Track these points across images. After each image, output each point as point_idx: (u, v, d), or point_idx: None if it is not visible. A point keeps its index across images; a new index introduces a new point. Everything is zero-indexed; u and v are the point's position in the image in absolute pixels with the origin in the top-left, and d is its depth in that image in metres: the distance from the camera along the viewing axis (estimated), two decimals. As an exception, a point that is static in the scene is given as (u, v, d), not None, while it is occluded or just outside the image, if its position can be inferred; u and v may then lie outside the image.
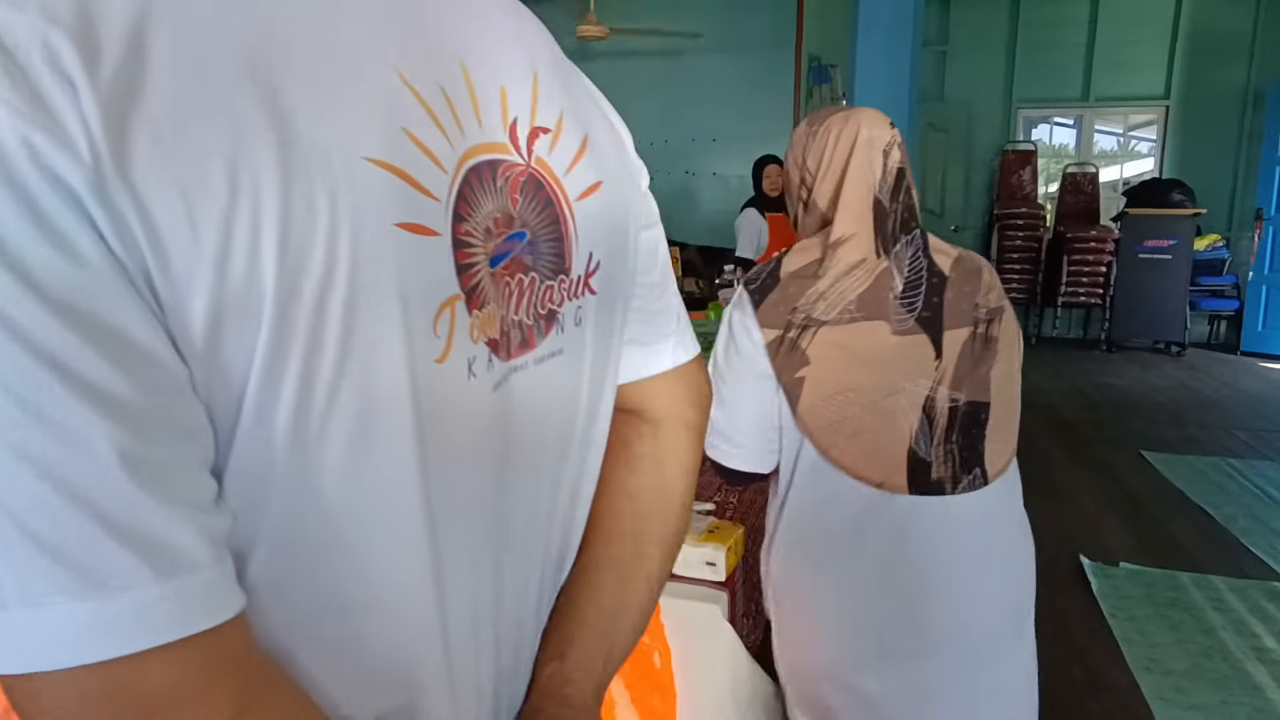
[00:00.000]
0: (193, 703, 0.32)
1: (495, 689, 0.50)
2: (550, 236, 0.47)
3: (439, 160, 0.39)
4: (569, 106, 0.50)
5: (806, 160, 1.17)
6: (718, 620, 1.16)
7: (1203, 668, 2.28)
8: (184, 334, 0.32)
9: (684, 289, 4.17)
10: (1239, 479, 3.86)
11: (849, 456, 1.03)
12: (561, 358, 0.49)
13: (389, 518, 0.40)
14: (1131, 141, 7.93)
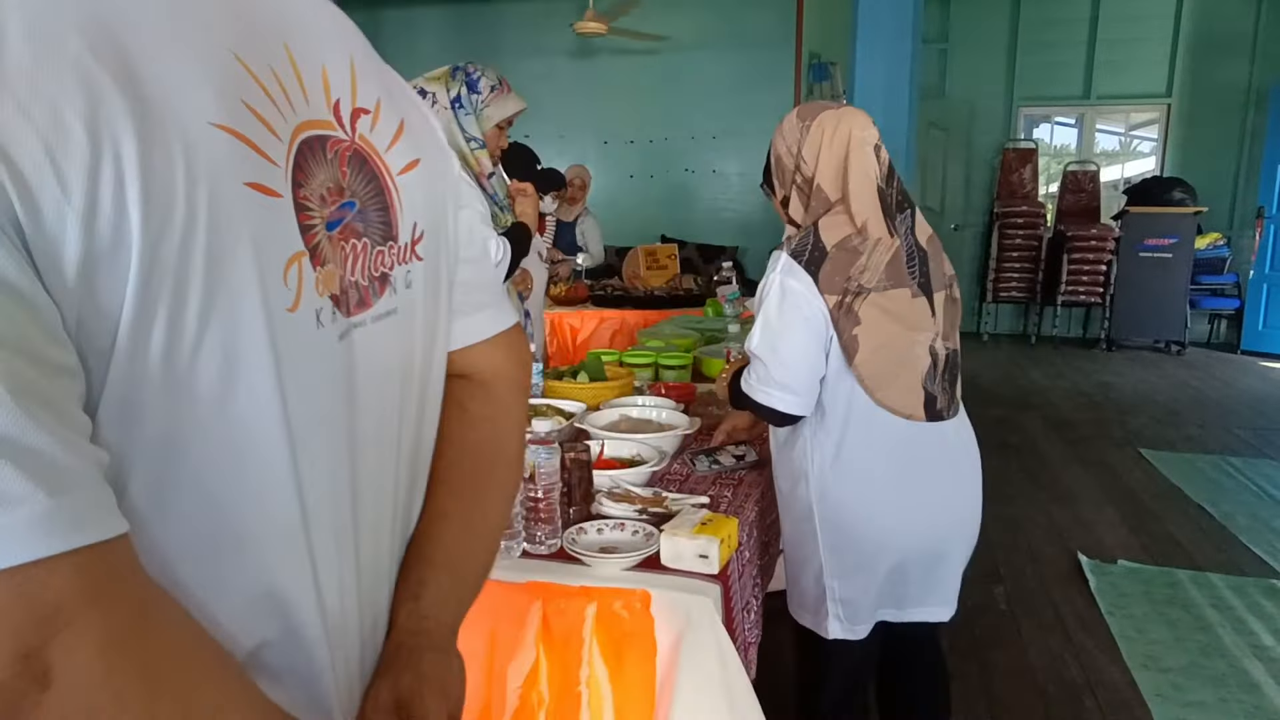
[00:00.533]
0: (87, 611, 0.35)
1: (360, 623, 0.55)
2: (377, 206, 0.53)
3: (275, 131, 0.44)
4: (384, 93, 0.55)
5: (803, 151, 1.38)
6: (709, 613, 1.15)
7: (1200, 665, 2.27)
8: (56, 278, 0.35)
9: (682, 286, 4.15)
10: (1238, 477, 3.85)
11: (890, 397, 1.33)
12: (396, 317, 0.55)
13: (255, 453, 0.44)
14: (1133, 141, 7.92)
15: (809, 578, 1.43)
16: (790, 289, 1.31)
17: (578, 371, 2.08)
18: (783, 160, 1.41)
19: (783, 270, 1.33)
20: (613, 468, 1.52)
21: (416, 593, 0.60)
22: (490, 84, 2.03)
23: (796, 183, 1.39)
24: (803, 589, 1.45)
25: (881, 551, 1.38)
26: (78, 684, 0.34)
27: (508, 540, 1.25)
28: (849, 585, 1.40)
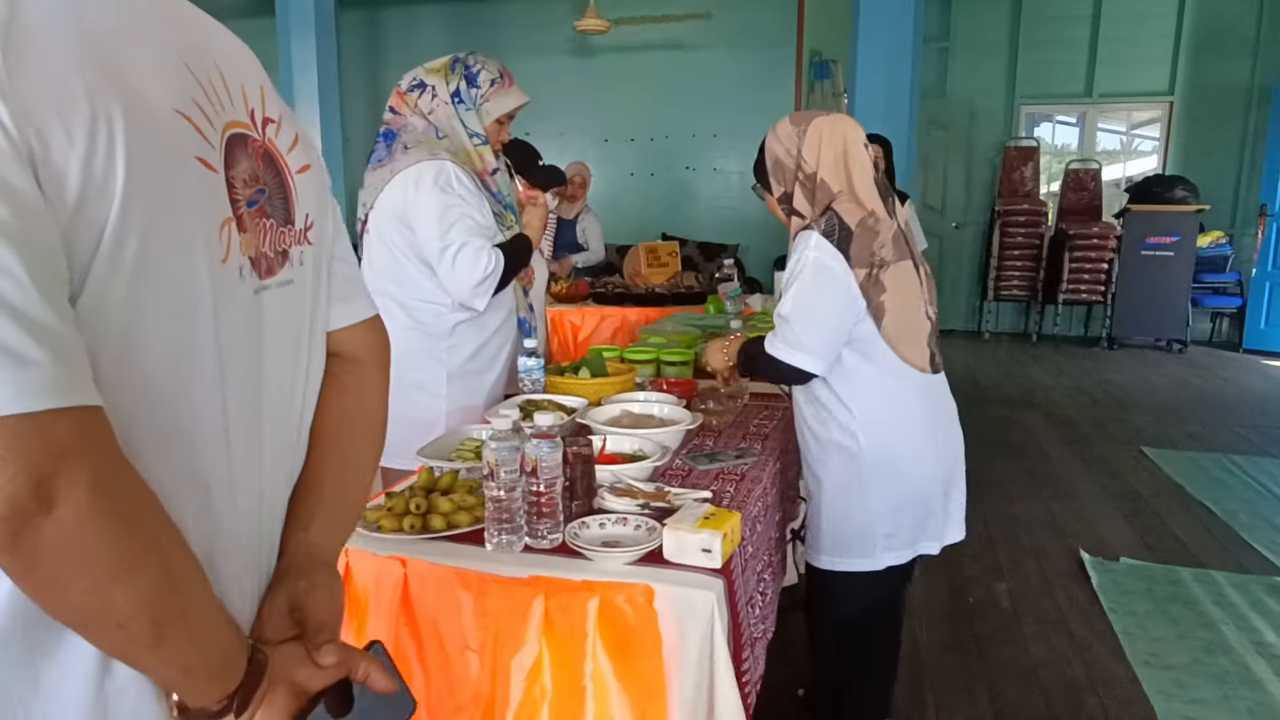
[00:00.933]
0: (82, 455, 0.46)
1: (257, 544, 0.67)
2: (280, 195, 0.67)
3: (212, 123, 0.59)
4: (284, 113, 0.71)
5: (803, 152, 1.58)
6: (711, 606, 1.14)
7: (1203, 663, 2.27)
8: (59, 205, 0.48)
9: (683, 284, 4.14)
10: (1240, 475, 3.84)
11: (909, 354, 1.55)
12: (293, 286, 0.69)
13: (193, 359, 0.57)
14: (1134, 140, 7.90)
15: (858, 520, 1.58)
16: (824, 264, 1.50)
17: (579, 367, 2.07)
18: (782, 161, 1.60)
19: (816, 248, 1.50)
20: (615, 463, 1.51)
21: (305, 525, 0.72)
22: (491, 77, 1.96)
23: (799, 179, 1.58)
24: (851, 533, 1.60)
25: (923, 483, 1.61)
26: (72, 513, 0.46)
27: (509, 535, 1.24)
28: (898, 518, 1.59)
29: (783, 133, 1.61)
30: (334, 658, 0.64)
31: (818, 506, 1.64)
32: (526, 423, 1.57)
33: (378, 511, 1.34)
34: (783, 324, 1.54)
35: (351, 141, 7.05)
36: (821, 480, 1.62)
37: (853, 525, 1.59)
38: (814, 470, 1.64)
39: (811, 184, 1.57)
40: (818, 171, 1.55)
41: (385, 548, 1.27)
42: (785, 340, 1.54)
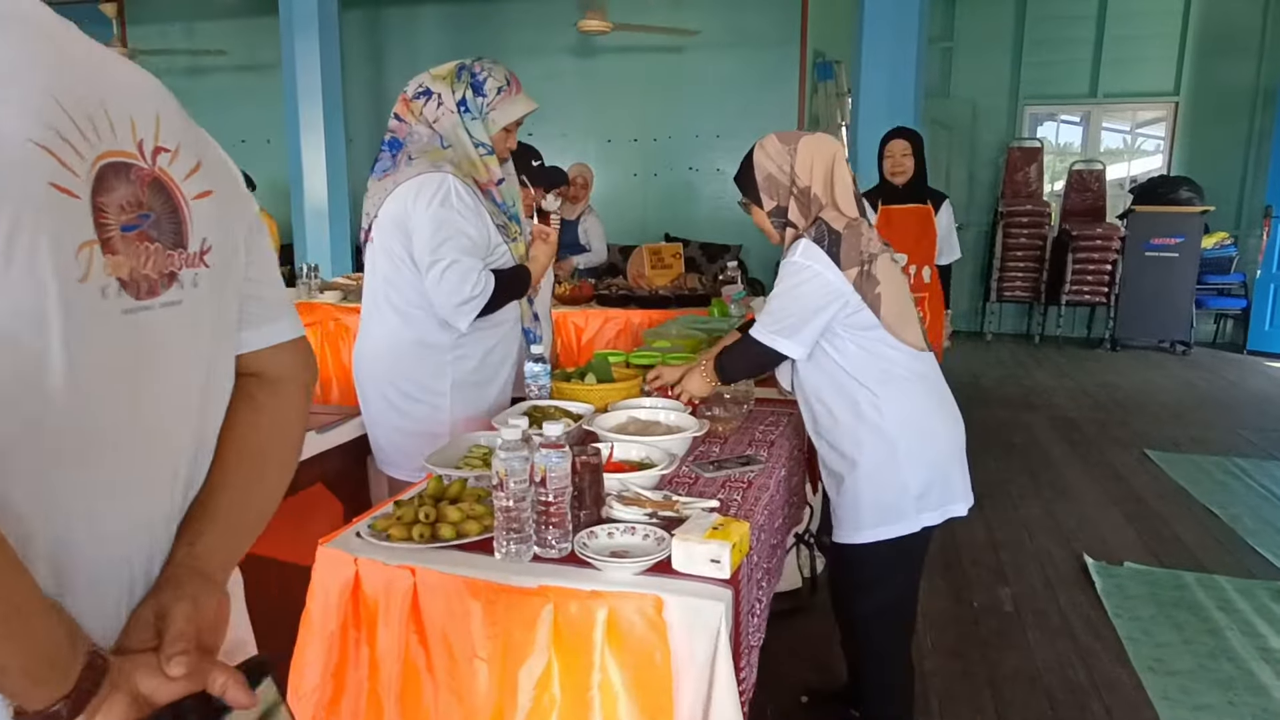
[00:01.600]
0: None
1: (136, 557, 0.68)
2: (172, 220, 0.70)
3: (80, 153, 0.62)
4: (187, 142, 0.73)
5: (797, 169, 1.70)
6: (720, 617, 1.14)
7: (1208, 668, 2.27)
8: None
9: (687, 286, 4.14)
10: (1245, 479, 3.84)
11: (907, 336, 1.68)
12: (181, 307, 0.70)
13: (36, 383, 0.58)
14: (1139, 139, 7.89)
15: (895, 489, 1.68)
16: (808, 267, 1.63)
17: (585, 373, 2.08)
18: (775, 177, 1.71)
19: (803, 254, 1.64)
20: (622, 470, 1.52)
21: (193, 539, 0.73)
22: (497, 85, 1.93)
23: (794, 193, 1.70)
24: (890, 502, 1.68)
25: (946, 447, 1.73)
26: None
27: (519, 544, 1.25)
28: (929, 481, 1.69)
29: (773, 150, 1.72)
30: (182, 669, 0.64)
31: (853, 487, 1.71)
32: (535, 430, 1.58)
33: (387, 520, 1.34)
34: (767, 315, 1.70)
35: (354, 141, 7.05)
36: (856, 461, 1.70)
37: (891, 494, 1.69)
38: (846, 454, 1.71)
39: (805, 197, 1.70)
40: (810, 185, 1.69)
41: (394, 556, 1.27)
42: (767, 327, 1.69)
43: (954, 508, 1.73)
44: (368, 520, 1.36)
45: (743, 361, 1.80)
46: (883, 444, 1.67)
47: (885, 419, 1.67)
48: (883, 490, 1.68)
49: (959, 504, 1.73)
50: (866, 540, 1.71)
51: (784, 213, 1.73)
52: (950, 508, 1.72)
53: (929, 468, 1.69)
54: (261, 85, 7.33)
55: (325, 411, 2.11)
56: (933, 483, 1.69)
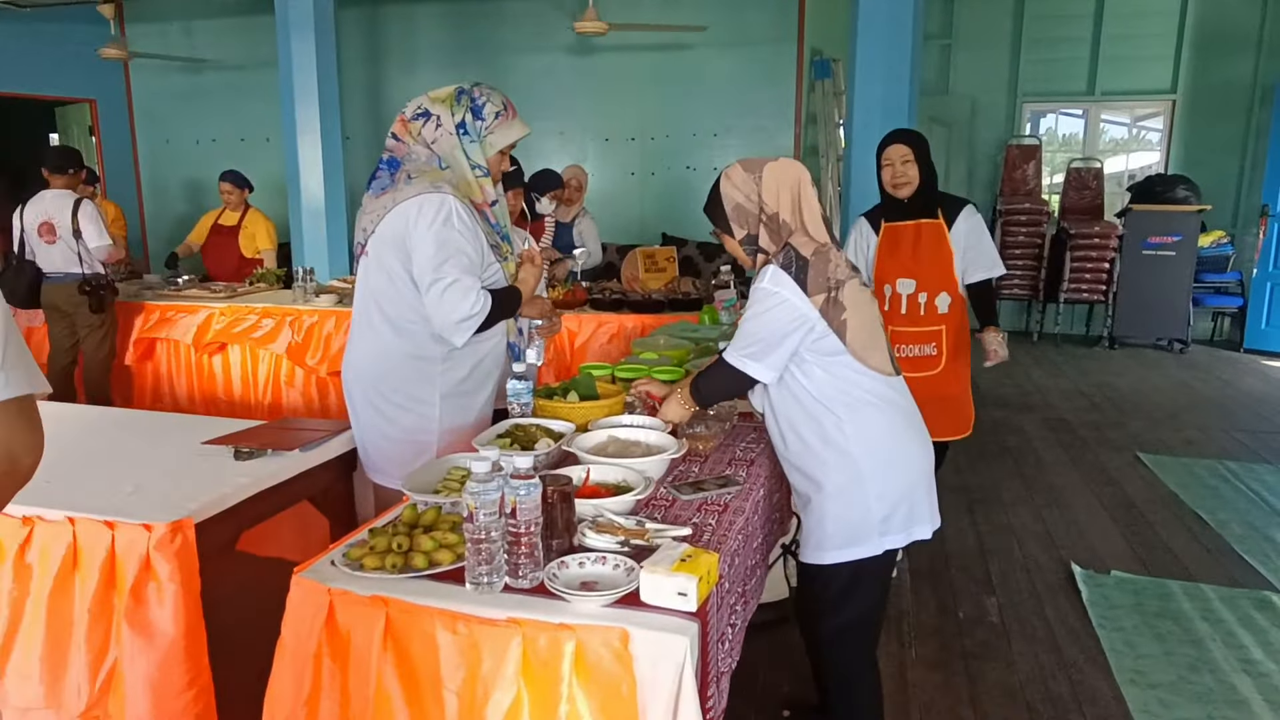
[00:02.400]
0: None
1: None
2: None
3: None
4: None
5: (763, 195, 1.73)
6: (685, 651, 1.16)
7: (1188, 680, 2.28)
8: None
9: (680, 290, 4.15)
10: (1234, 483, 3.84)
11: (874, 361, 1.70)
12: None
13: None
14: (1140, 131, 7.86)
15: (859, 512, 1.69)
16: (775, 293, 1.66)
17: (568, 389, 2.09)
18: (743, 206, 1.74)
19: (771, 280, 1.67)
20: (598, 495, 1.53)
21: None
22: (495, 110, 1.98)
23: (763, 220, 1.73)
24: (854, 525, 1.70)
25: (912, 471, 1.74)
26: None
27: (489, 576, 1.26)
28: (895, 503, 1.70)
29: (739, 179, 1.75)
30: None
31: (818, 509, 1.72)
32: (510, 453, 1.59)
33: (361, 549, 1.36)
34: (739, 339, 1.73)
35: (351, 140, 7.06)
36: (822, 484, 1.71)
37: (856, 516, 1.70)
38: (812, 477, 1.73)
39: (775, 223, 1.72)
40: (779, 212, 1.72)
41: (368, 587, 1.29)
42: (739, 350, 1.72)
43: (918, 530, 1.74)
44: (342, 549, 1.38)
45: (718, 384, 1.81)
46: (848, 467, 1.69)
47: (851, 443, 1.68)
48: (848, 512, 1.70)
49: (924, 527, 1.75)
50: (829, 561, 1.72)
51: (754, 240, 1.75)
52: (915, 530, 1.74)
53: (894, 491, 1.70)
54: (260, 83, 7.32)
55: (309, 428, 2.13)
56: (898, 506, 1.70)
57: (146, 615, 1.55)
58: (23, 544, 1.65)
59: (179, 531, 1.56)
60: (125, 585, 1.56)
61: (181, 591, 1.55)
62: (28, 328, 4.45)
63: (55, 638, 1.61)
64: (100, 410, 2.66)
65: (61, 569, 1.61)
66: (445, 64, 7.39)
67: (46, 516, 1.64)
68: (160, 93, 8.06)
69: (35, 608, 1.63)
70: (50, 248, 4.12)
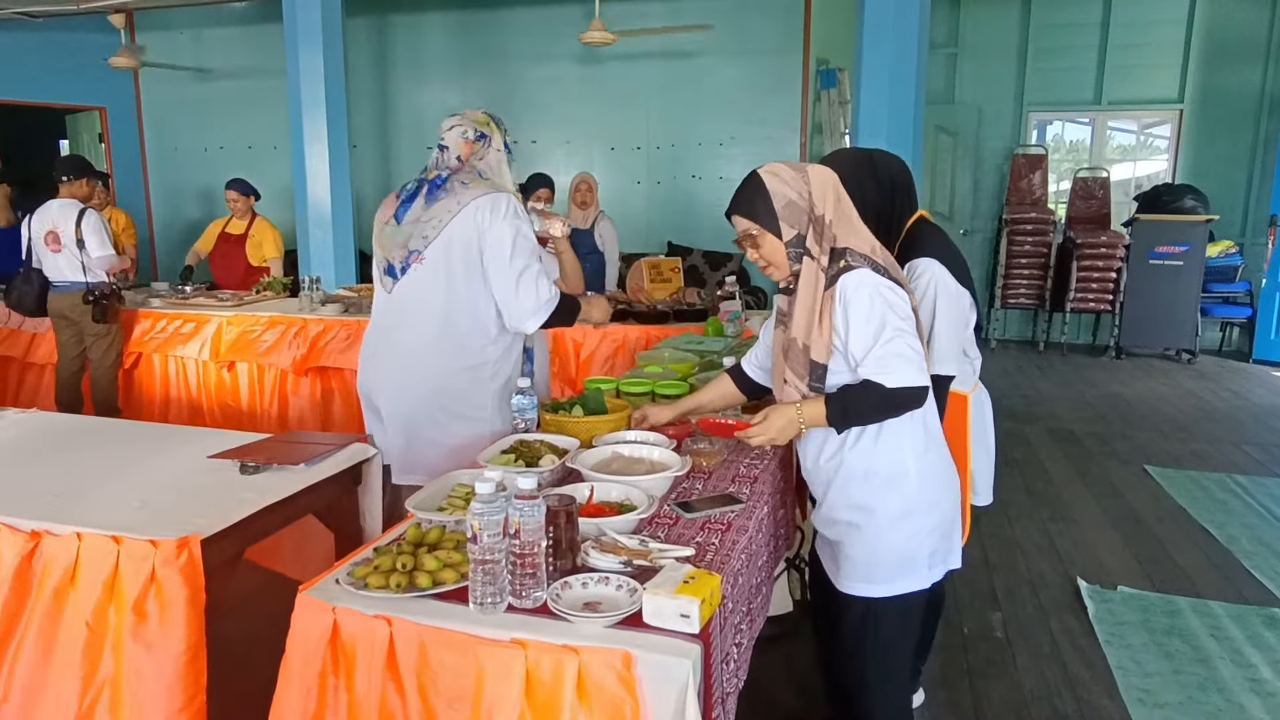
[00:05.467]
0: None
1: None
2: None
3: None
4: None
5: (814, 197, 1.61)
6: (687, 673, 1.16)
7: (1196, 701, 2.27)
8: None
9: (685, 300, 4.15)
10: (1244, 497, 3.82)
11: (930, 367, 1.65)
12: None
13: None
14: (1147, 139, 7.84)
15: (910, 543, 1.62)
16: (898, 295, 1.57)
17: (574, 404, 2.09)
18: (796, 204, 1.60)
19: (879, 284, 1.55)
20: (602, 514, 1.53)
21: None
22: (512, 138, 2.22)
23: (812, 220, 1.60)
24: (904, 556, 1.63)
25: (954, 498, 1.69)
26: None
27: (493, 596, 1.26)
28: (944, 533, 1.65)
29: (789, 176, 1.62)
30: None
31: (870, 538, 1.64)
32: (514, 470, 1.59)
33: (365, 567, 1.36)
34: (895, 358, 1.53)
35: (359, 149, 7.09)
36: (874, 510, 1.62)
37: (904, 548, 1.63)
38: (862, 503, 1.64)
39: (821, 225, 1.60)
40: (824, 214, 1.61)
41: (372, 606, 1.29)
42: (915, 366, 1.54)
43: (953, 559, 1.71)
44: (346, 567, 1.38)
45: (885, 410, 1.58)
46: (902, 498, 1.61)
47: (912, 470, 1.61)
48: (894, 547, 1.62)
49: (957, 555, 1.72)
50: (879, 594, 1.65)
51: (802, 242, 1.61)
52: (951, 560, 1.71)
53: (946, 520, 1.65)
54: (268, 92, 7.37)
55: (315, 441, 2.14)
56: (945, 536, 1.66)
57: (149, 631, 1.55)
58: (27, 556, 1.66)
59: (185, 547, 1.56)
60: (127, 601, 1.56)
61: (186, 608, 1.55)
62: (36, 334, 4.47)
63: (44, 652, 1.62)
64: (108, 422, 2.68)
65: (60, 585, 1.62)
66: (453, 74, 7.42)
67: (55, 530, 1.65)
68: (169, 101, 8.11)
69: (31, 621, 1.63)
70: (56, 256, 4.14)
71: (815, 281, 1.59)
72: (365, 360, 2.27)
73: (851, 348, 1.56)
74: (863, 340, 1.54)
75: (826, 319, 1.57)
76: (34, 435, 2.28)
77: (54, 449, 2.15)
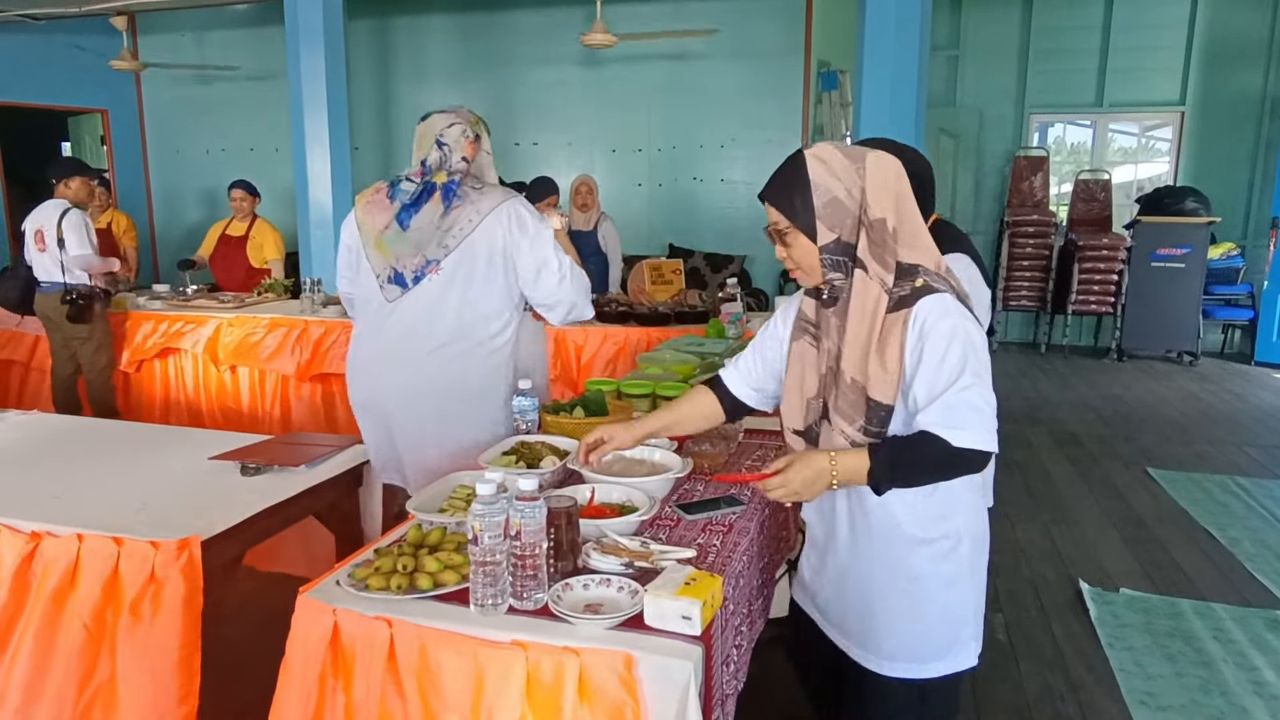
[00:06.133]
0: None
1: None
2: None
3: None
4: None
5: (868, 195, 1.29)
6: (689, 675, 1.15)
7: (1199, 703, 2.26)
8: None
9: (686, 302, 4.15)
10: (1246, 499, 3.81)
11: None
12: None
13: None
14: (1148, 141, 7.84)
15: (956, 615, 1.38)
16: (976, 336, 1.27)
17: (575, 406, 2.09)
18: (843, 202, 1.29)
19: (964, 316, 1.26)
20: (603, 516, 1.52)
21: None
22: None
23: (865, 224, 1.29)
24: (950, 631, 1.38)
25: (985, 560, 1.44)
26: None
27: (494, 598, 1.26)
28: (981, 603, 1.42)
29: (839, 167, 1.29)
30: None
31: (908, 609, 1.38)
32: (515, 471, 1.59)
33: (366, 569, 1.36)
34: (970, 410, 1.23)
35: (360, 151, 7.10)
36: (918, 577, 1.36)
37: (951, 622, 1.38)
38: (906, 569, 1.37)
39: (880, 232, 1.28)
40: (885, 218, 1.29)
41: (372, 608, 1.29)
42: (986, 426, 1.24)
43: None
44: (347, 569, 1.38)
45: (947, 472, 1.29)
46: (950, 566, 1.37)
47: (963, 534, 1.37)
48: (940, 620, 1.38)
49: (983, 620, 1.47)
50: (920, 676, 1.39)
51: (847, 250, 1.30)
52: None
53: (985, 579, 1.42)
54: (270, 94, 7.39)
55: (316, 443, 2.14)
56: (983, 590, 1.42)
57: (147, 632, 1.55)
58: (27, 557, 1.66)
59: (186, 548, 1.56)
60: (125, 603, 1.56)
61: (184, 609, 1.55)
62: (39, 337, 4.46)
63: (42, 653, 1.61)
64: (109, 424, 2.68)
65: (59, 586, 1.62)
66: (454, 76, 7.44)
67: (55, 532, 1.64)
68: (171, 103, 8.13)
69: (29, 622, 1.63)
70: (43, 255, 4.10)
71: (875, 301, 1.28)
72: (363, 372, 2.16)
73: (916, 389, 1.25)
74: (934, 382, 1.23)
75: (895, 350, 1.26)
76: (35, 437, 2.28)
77: (55, 451, 2.15)
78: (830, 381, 1.36)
